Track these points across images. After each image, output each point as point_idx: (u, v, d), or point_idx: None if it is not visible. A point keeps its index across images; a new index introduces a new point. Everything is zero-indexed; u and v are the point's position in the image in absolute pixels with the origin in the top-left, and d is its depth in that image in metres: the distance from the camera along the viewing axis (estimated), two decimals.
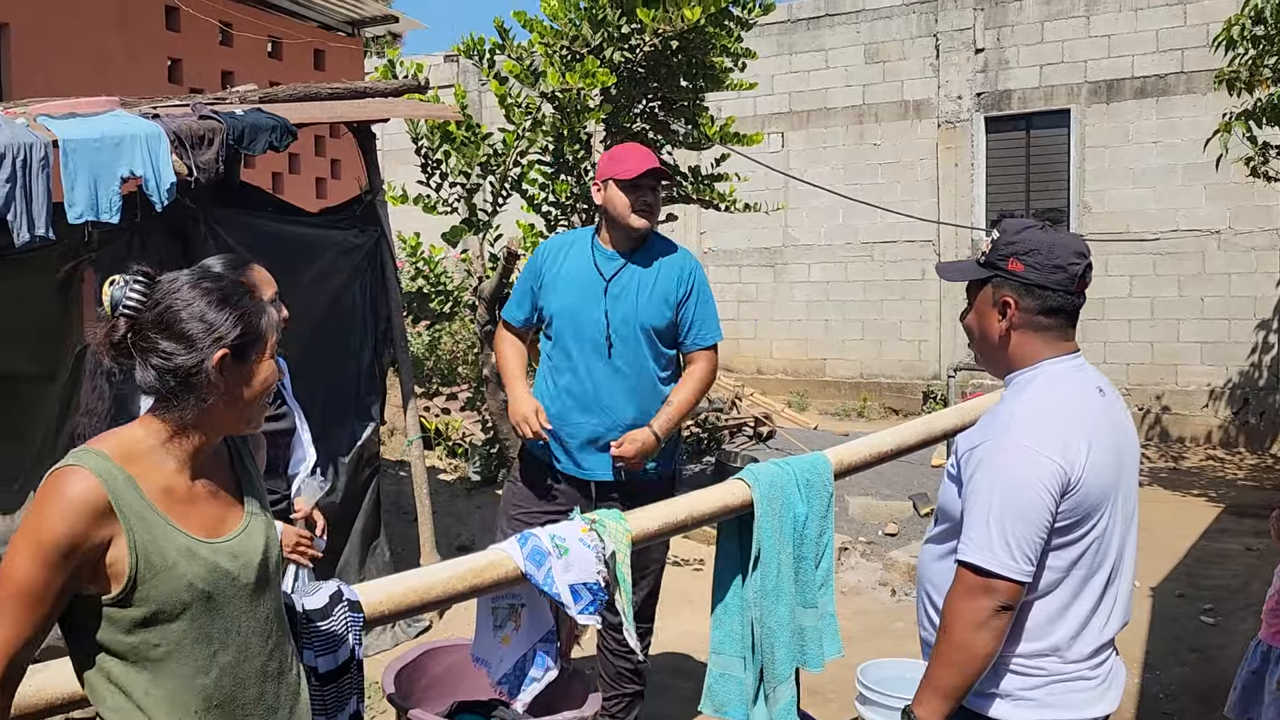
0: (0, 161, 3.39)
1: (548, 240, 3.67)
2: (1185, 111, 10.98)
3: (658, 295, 3.37)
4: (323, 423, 4.78)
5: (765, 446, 8.78)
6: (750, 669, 2.82)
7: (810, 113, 12.98)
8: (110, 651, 1.57)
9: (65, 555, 1.49)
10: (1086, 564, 1.95)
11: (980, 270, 2.06)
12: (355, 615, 2.17)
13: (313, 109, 4.75)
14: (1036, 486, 1.87)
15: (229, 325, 1.60)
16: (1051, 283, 1.99)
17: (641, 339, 3.36)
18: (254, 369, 1.66)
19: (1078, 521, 1.92)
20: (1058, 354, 2.02)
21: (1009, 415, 1.96)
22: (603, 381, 3.35)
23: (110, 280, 1.63)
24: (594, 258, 3.40)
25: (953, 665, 1.90)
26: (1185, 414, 11.10)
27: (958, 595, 1.91)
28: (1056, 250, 1.99)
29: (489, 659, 2.63)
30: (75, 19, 6.99)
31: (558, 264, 3.44)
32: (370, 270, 4.98)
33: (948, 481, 2.08)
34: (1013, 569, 1.86)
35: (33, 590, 1.48)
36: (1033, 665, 1.96)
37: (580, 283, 3.38)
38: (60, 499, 1.50)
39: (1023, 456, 1.89)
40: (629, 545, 2.60)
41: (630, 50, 5.92)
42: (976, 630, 1.88)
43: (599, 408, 3.35)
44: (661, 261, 3.42)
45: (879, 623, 5.44)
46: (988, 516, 1.88)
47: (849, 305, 12.85)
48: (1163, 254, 11.16)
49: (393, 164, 12.70)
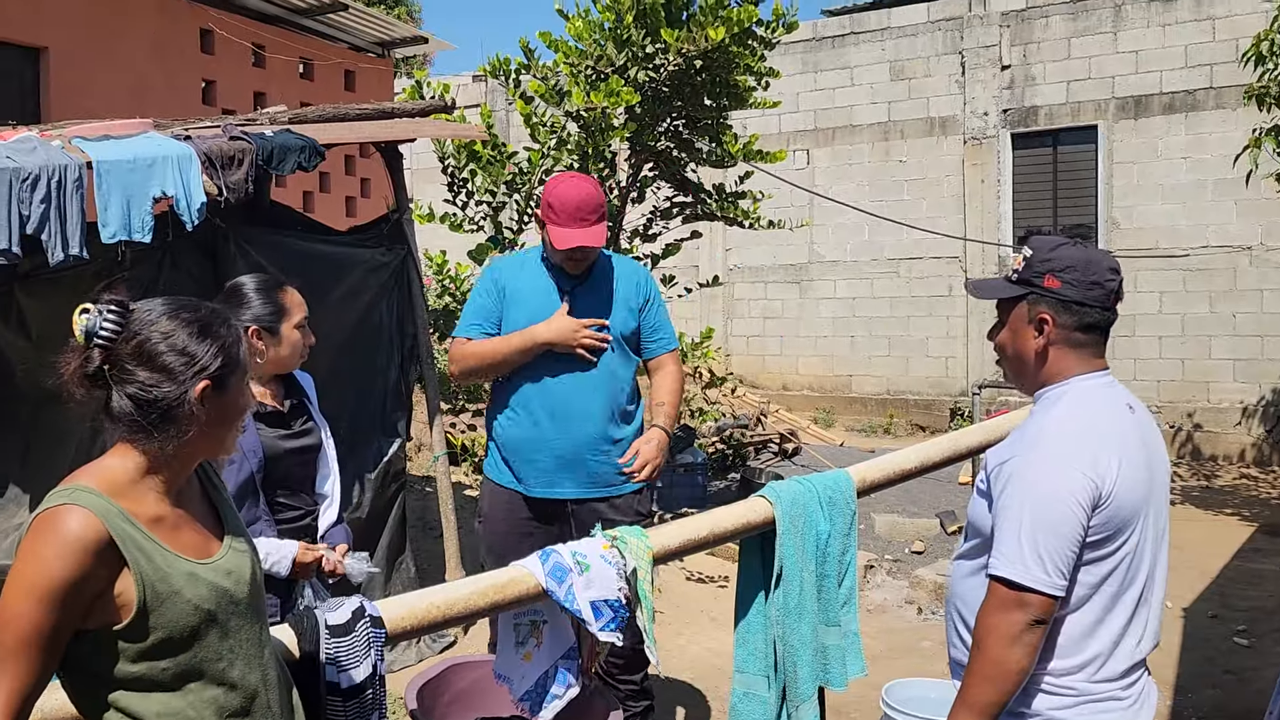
0: (35, 183, 3.46)
1: (501, 257, 3.66)
2: (1215, 127, 10.90)
3: (620, 302, 3.37)
4: (350, 439, 4.82)
5: (790, 463, 8.75)
6: (774, 688, 2.81)
7: (835, 130, 12.99)
8: (117, 682, 1.56)
9: (69, 596, 1.47)
10: (1118, 580, 1.94)
11: (1014, 287, 2.05)
12: (377, 631, 2.18)
13: (341, 129, 4.81)
14: (1068, 500, 1.87)
15: (210, 356, 1.60)
16: (1089, 299, 1.99)
17: (610, 347, 3.33)
18: (234, 398, 1.66)
19: (1109, 537, 1.91)
20: (1089, 370, 2.02)
21: (1039, 430, 1.97)
22: (574, 392, 3.30)
23: (81, 308, 1.58)
24: (549, 272, 3.39)
25: (987, 681, 1.89)
26: (1217, 432, 10.97)
27: (990, 610, 1.90)
28: (1093, 266, 2.00)
29: (511, 675, 2.64)
30: (113, 43, 7.13)
31: (516, 280, 3.41)
32: (397, 288, 5.02)
33: (978, 497, 2.08)
34: (1045, 583, 1.86)
35: (38, 635, 1.46)
36: (1064, 685, 1.95)
37: (541, 296, 3.34)
38: (59, 539, 1.47)
39: (1054, 470, 1.89)
40: (650, 562, 2.61)
41: (654, 70, 5.96)
42: (1010, 645, 1.87)
43: (574, 420, 3.29)
44: (617, 272, 3.44)
45: (905, 641, 5.40)
46: (1019, 530, 1.88)
47: (875, 321, 12.81)
48: (1193, 270, 11.06)
49: (420, 183, 12.82)
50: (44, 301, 4.03)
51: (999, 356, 2.15)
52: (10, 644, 1.46)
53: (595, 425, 3.31)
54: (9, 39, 6.69)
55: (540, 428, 3.31)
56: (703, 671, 4.80)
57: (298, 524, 2.87)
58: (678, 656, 4.96)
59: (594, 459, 3.33)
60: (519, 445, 3.34)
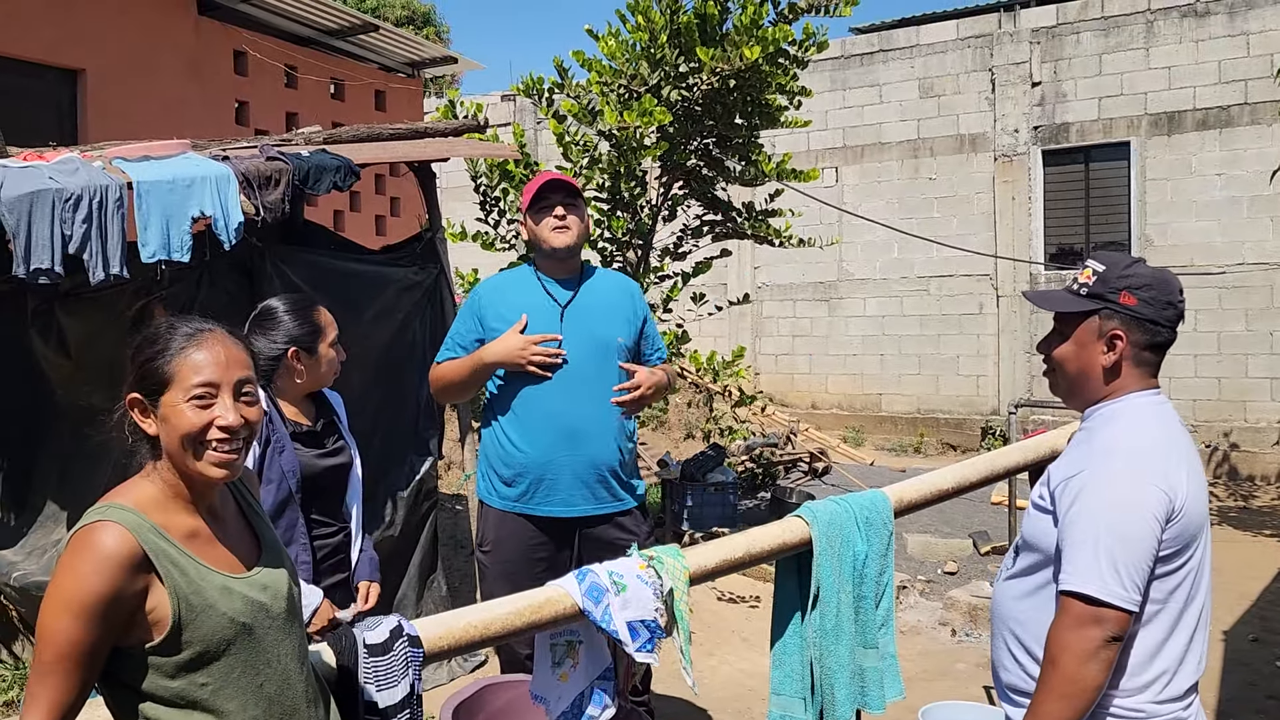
0: (78, 203, 3.51)
1: (482, 282, 3.55)
2: (1250, 143, 10.79)
3: (619, 314, 3.35)
4: (382, 457, 4.84)
5: (821, 482, 8.71)
6: (810, 710, 2.78)
7: (864, 147, 12.96)
8: (156, 699, 1.57)
9: (105, 611, 1.49)
10: (1183, 596, 1.91)
11: (1084, 301, 2.02)
12: (415, 650, 2.18)
13: (375, 149, 4.85)
14: (1145, 514, 1.84)
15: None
16: (1162, 318, 1.99)
17: (607, 357, 3.29)
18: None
19: (1178, 551, 1.89)
20: (1146, 389, 2.02)
21: (1110, 443, 1.93)
22: (575, 411, 3.24)
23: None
24: (543, 287, 3.33)
25: (1064, 699, 1.85)
26: (1255, 451, 10.80)
27: (1066, 627, 1.86)
28: (1168, 286, 1.99)
29: (548, 696, 2.62)
30: (148, 65, 7.23)
31: (503, 300, 3.34)
32: (430, 306, 5.04)
33: (1037, 513, 2.03)
34: (1123, 598, 1.82)
35: (76, 651, 1.48)
36: (1130, 707, 1.91)
37: (536, 313, 3.27)
38: (94, 555, 1.50)
39: (1129, 484, 1.87)
40: (687, 582, 2.59)
41: (687, 89, 5.98)
42: (1086, 662, 1.83)
43: (576, 440, 3.25)
44: (610, 284, 3.43)
45: (940, 664, 5.34)
46: (1096, 545, 1.84)
47: (905, 340, 12.73)
48: (1229, 288, 10.93)
49: (451, 201, 12.88)
50: (83, 320, 4.08)
51: (1050, 368, 2.11)
52: (49, 659, 1.48)
53: (608, 440, 3.29)
54: (47, 61, 6.81)
55: (546, 449, 3.25)
56: (735, 693, 4.76)
57: (331, 540, 2.88)
58: (710, 677, 4.92)
59: (599, 476, 3.30)
60: (530, 466, 3.27)
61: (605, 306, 3.35)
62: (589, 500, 3.29)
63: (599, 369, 3.27)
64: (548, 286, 3.33)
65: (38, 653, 1.50)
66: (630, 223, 6.32)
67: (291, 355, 2.71)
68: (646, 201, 6.52)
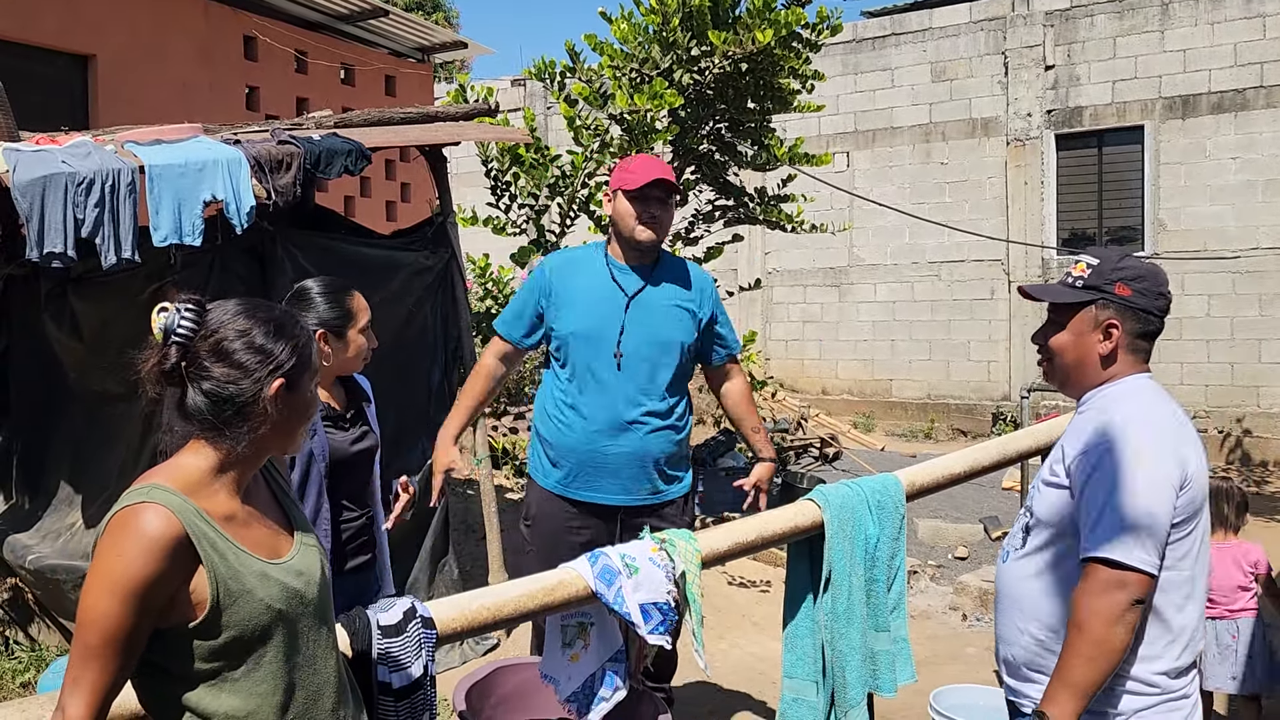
0: (90, 187, 3.51)
1: (553, 254, 3.53)
2: (1265, 126, 10.70)
3: (684, 310, 3.32)
4: (394, 441, 4.84)
5: (832, 468, 8.70)
6: (822, 693, 2.79)
7: (876, 132, 12.90)
8: (187, 680, 1.57)
9: (150, 593, 1.48)
10: (1192, 562, 2.01)
11: (1080, 293, 2.12)
12: (428, 632, 2.19)
13: (386, 133, 4.84)
14: (1162, 482, 1.95)
15: (286, 354, 1.63)
16: (1155, 308, 2.10)
17: (665, 356, 3.28)
18: (304, 397, 1.68)
19: (1188, 518, 1.99)
20: (1139, 372, 2.12)
21: (1125, 419, 2.02)
22: (626, 405, 3.24)
23: (160, 308, 1.61)
24: (611, 274, 3.29)
25: (1090, 661, 1.94)
26: (1268, 437, 10.75)
27: (1091, 592, 1.94)
28: (1159, 278, 2.12)
29: (557, 676, 2.63)
30: (159, 50, 7.23)
31: (570, 281, 3.31)
32: (441, 291, 5.04)
33: (1049, 490, 2.11)
34: (1146, 561, 1.92)
35: (121, 633, 1.47)
36: (1149, 682, 2.00)
37: (600, 301, 3.26)
38: (139, 537, 1.49)
39: (1146, 455, 1.97)
40: (699, 565, 2.59)
41: (699, 72, 5.95)
42: (1113, 625, 1.92)
43: (623, 433, 3.25)
44: (681, 277, 3.37)
45: (951, 648, 5.34)
46: (1118, 513, 1.94)
47: (916, 325, 12.70)
48: (1243, 273, 10.86)
49: (461, 186, 12.85)
50: (96, 304, 4.09)
51: (1046, 357, 2.21)
52: (94, 642, 1.48)
53: (656, 435, 3.28)
54: (58, 47, 6.81)
55: (598, 439, 3.26)
56: (747, 676, 4.77)
57: (355, 523, 2.91)
58: (721, 660, 4.93)
59: (645, 469, 3.30)
60: (570, 450, 3.29)
61: (672, 303, 3.32)
62: (629, 492, 3.30)
63: (655, 364, 3.28)
64: (616, 274, 3.29)
65: (80, 636, 1.49)
66: None
67: (319, 337, 2.73)
68: None
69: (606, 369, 3.25)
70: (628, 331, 3.24)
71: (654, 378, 3.28)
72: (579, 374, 3.28)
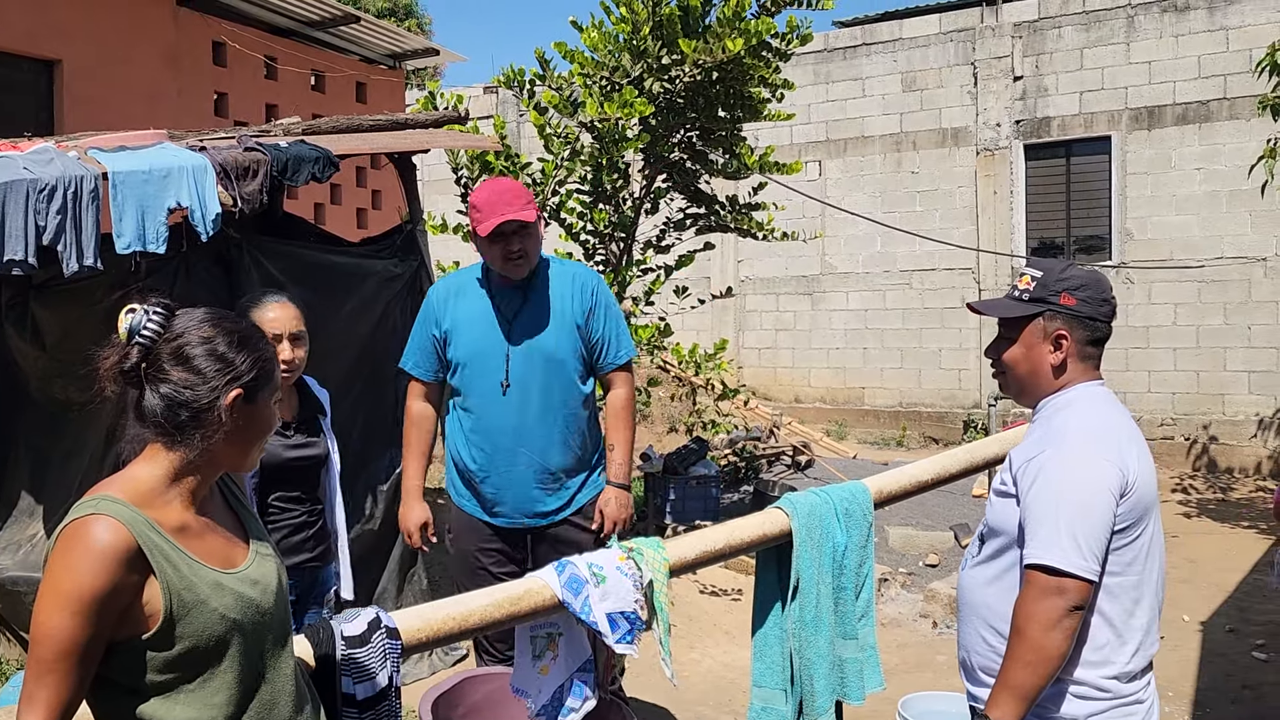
0: (52, 194, 3.47)
1: (436, 284, 3.52)
2: (1229, 138, 10.85)
3: (565, 321, 3.28)
4: (362, 451, 4.82)
5: (804, 476, 8.72)
6: (790, 701, 2.78)
7: (847, 141, 12.98)
8: (141, 692, 1.55)
9: (103, 606, 1.47)
10: (1138, 569, 2.03)
11: (1027, 306, 2.15)
12: (393, 643, 2.16)
13: (354, 140, 4.82)
14: (1100, 489, 1.97)
15: (246, 366, 1.62)
16: (1100, 314, 2.12)
17: (554, 371, 3.26)
18: (262, 412, 1.67)
19: (1132, 524, 2.01)
20: (1090, 380, 2.15)
21: (1064, 426, 2.06)
22: (522, 425, 3.24)
23: (129, 308, 1.61)
24: (491, 295, 3.29)
25: (1028, 666, 1.96)
26: (1233, 444, 10.89)
27: (1030, 599, 1.97)
28: (1102, 285, 2.14)
29: (529, 690, 2.61)
30: (126, 56, 7.16)
31: (455, 308, 3.33)
32: (410, 298, 5.00)
33: (999, 499, 2.15)
34: (1083, 567, 1.94)
35: (75, 647, 1.46)
36: (1098, 688, 2.02)
37: (482, 324, 3.27)
38: (88, 550, 1.47)
39: (1084, 462, 1.99)
40: (667, 574, 2.58)
41: (670, 81, 5.96)
42: (1050, 630, 1.94)
43: (524, 453, 3.25)
44: (562, 285, 3.32)
45: (920, 655, 5.36)
46: (1056, 519, 1.96)
47: (888, 333, 12.77)
48: (1208, 281, 11.00)
49: (432, 194, 12.84)
50: (58, 312, 4.03)
51: (999, 371, 2.24)
52: (48, 658, 1.46)
53: (548, 455, 3.28)
54: (23, 52, 6.73)
55: (492, 458, 3.28)
56: (717, 685, 4.77)
57: (295, 519, 3.00)
58: (691, 670, 4.93)
59: (543, 489, 3.30)
60: (473, 473, 3.32)
61: (551, 315, 3.28)
62: (538, 505, 3.30)
63: (545, 379, 3.26)
64: (496, 297, 3.30)
65: (34, 652, 1.47)
66: (613, 215, 6.30)
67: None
68: (629, 194, 6.50)
69: (495, 393, 3.25)
70: (513, 356, 3.23)
71: (544, 392, 3.26)
72: (479, 399, 3.29)
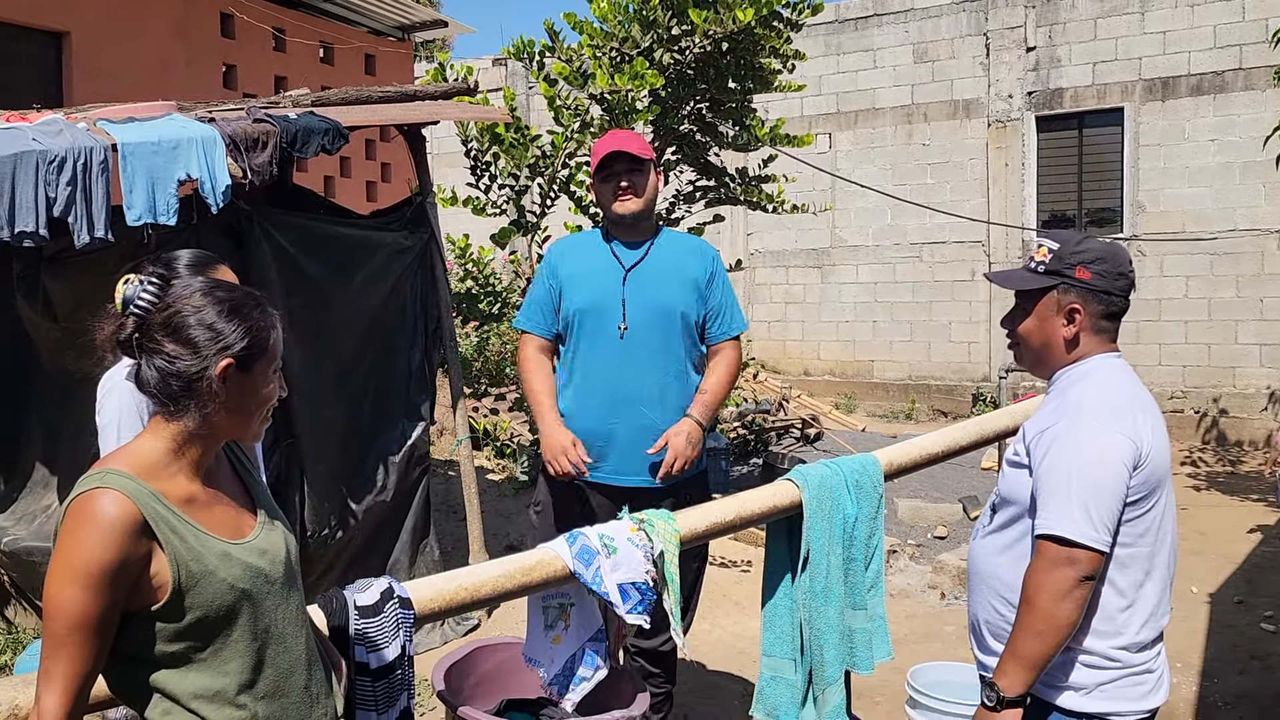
0: (61, 165, 3.47)
1: (554, 243, 3.54)
2: (1243, 109, 10.74)
3: (684, 280, 3.28)
4: (374, 422, 4.84)
5: (813, 448, 8.73)
6: (800, 671, 2.80)
7: (858, 113, 12.89)
8: (154, 662, 1.57)
9: (113, 579, 1.48)
10: (1150, 540, 2.04)
11: (1042, 278, 2.15)
12: (405, 612, 2.18)
13: (364, 112, 4.80)
14: (1113, 460, 1.97)
15: (237, 335, 1.62)
16: (1115, 289, 2.12)
17: (669, 327, 3.24)
18: (258, 382, 1.67)
19: (1145, 496, 2.02)
20: (1107, 352, 2.15)
21: (1079, 398, 2.06)
22: (634, 377, 3.20)
23: (125, 278, 1.63)
24: (611, 250, 3.32)
25: (1038, 635, 1.97)
26: (1243, 417, 10.85)
27: (1041, 568, 1.98)
28: (1119, 258, 2.13)
29: (541, 659, 2.63)
30: (134, 27, 7.14)
31: (573, 263, 3.35)
32: (420, 271, 5.01)
33: (1012, 469, 2.16)
34: (1094, 538, 1.94)
35: (87, 620, 1.47)
36: (1109, 657, 2.03)
37: (600, 277, 3.27)
38: (97, 523, 1.49)
39: (1099, 433, 2.00)
40: (677, 545, 2.59)
41: (680, 52, 5.92)
42: (1060, 600, 1.95)
43: (633, 407, 3.20)
44: (682, 249, 3.36)
45: (929, 626, 5.38)
46: (1068, 490, 1.96)
47: (897, 306, 12.73)
48: (1220, 254, 10.93)
49: (442, 166, 12.80)
50: (69, 283, 4.05)
51: (1014, 343, 2.24)
52: (61, 631, 1.47)
53: (655, 413, 3.22)
54: (32, 24, 6.72)
55: (602, 416, 3.23)
56: (727, 655, 4.80)
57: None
58: (702, 640, 4.96)
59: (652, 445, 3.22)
60: (582, 433, 3.23)
61: (670, 273, 3.28)
62: (641, 471, 3.23)
63: (660, 336, 3.24)
64: (614, 249, 3.32)
65: (48, 627, 1.49)
66: None
67: None
68: None
69: (611, 342, 3.23)
70: (629, 303, 3.23)
71: (659, 349, 3.24)
72: (589, 352, 3.27)
